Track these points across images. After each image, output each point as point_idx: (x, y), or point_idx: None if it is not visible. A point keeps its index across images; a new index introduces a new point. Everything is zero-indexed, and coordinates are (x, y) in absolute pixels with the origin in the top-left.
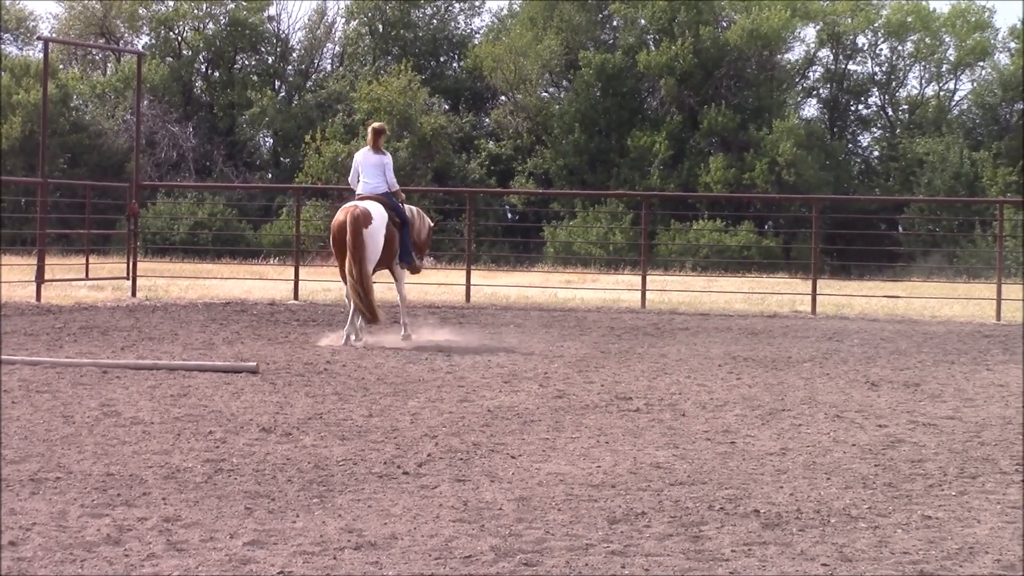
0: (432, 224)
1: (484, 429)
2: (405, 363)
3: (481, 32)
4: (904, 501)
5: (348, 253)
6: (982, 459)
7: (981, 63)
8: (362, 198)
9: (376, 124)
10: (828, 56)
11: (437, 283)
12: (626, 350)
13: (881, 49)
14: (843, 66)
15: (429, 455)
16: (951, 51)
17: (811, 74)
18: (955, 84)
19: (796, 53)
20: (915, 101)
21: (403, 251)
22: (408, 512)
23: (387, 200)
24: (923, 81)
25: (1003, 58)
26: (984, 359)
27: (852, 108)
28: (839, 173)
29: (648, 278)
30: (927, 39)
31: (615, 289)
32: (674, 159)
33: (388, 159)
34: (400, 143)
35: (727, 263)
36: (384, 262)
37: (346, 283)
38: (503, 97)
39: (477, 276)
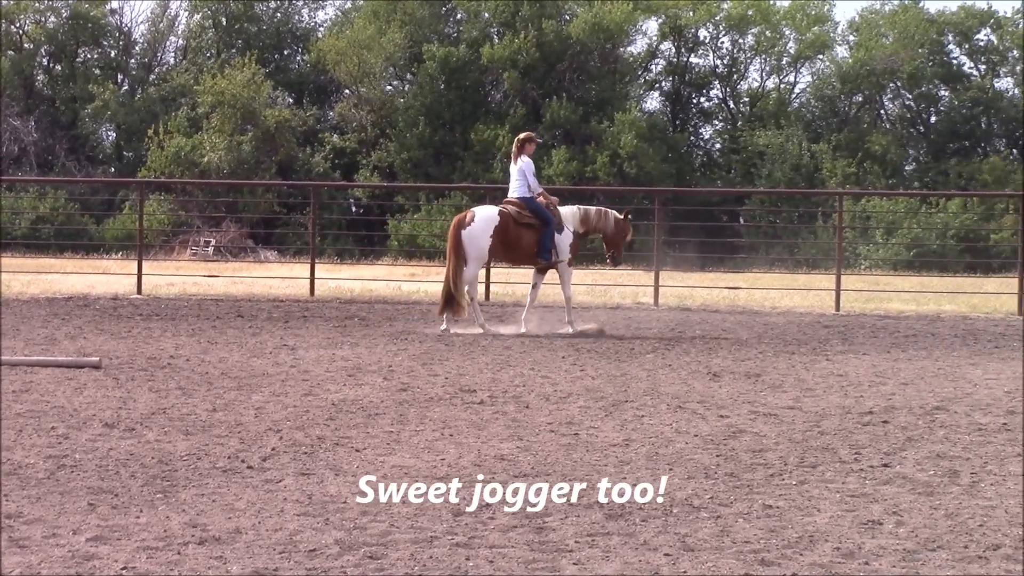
0: (622, 216)
1: (328, 423)
2: (249, 357)
3: (325, 25)
4: (745, 491)
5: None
6: (822, 448)
7: (820, 56)
8: (504, 202)
9: (521, 135)
10: (670, 49)
11: (281, 277)
12: (470, 342)
13: (723, 42)
14: (685, 59)
15: (273, 449)
16: (791, 44)
17: (653, 67)
18: (795, 77)
19: (638, 46)
20: (756, 94)
21: (540, 248)
22: (252, 506)
23: (525, 203)
24: (764, 74)
25: (842, 51)
26: (824, 349)
27: (694, 101)
28: (681, 165)
29: (492, 271)
30: (768, 32)
31: None
32: None
33: (526, 164)
34: (244, 136)
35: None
36: (522, 259)
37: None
38: (347, 91)
39: (321, 269)
